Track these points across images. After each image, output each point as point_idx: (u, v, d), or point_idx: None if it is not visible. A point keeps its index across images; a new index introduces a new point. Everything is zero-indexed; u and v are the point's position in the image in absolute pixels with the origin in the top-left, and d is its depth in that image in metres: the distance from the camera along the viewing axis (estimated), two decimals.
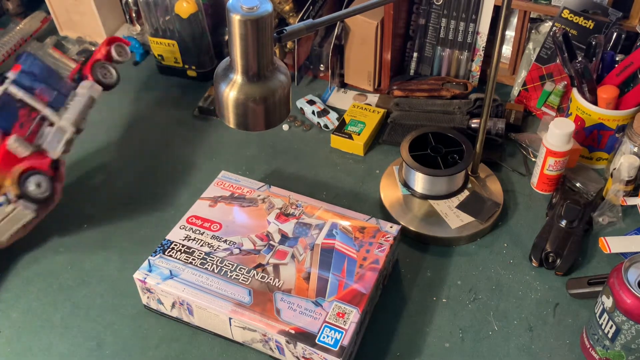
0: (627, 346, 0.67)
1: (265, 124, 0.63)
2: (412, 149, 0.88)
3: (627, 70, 0.89)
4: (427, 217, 0.89)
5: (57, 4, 1.28)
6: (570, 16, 1.00)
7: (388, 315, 0.79)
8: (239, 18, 0.56)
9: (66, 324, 0.79)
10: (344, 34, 1.11)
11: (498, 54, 0.80)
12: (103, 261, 0.88)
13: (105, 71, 0.97)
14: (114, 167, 1.03)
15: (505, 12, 0.76)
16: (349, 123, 1.05)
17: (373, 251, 0.79)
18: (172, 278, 0.76)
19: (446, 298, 0.81)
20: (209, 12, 1.15)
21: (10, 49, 1.24)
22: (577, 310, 0.79)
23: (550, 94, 1.05)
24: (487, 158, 0.98)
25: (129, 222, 0.93)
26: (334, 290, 0.74)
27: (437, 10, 1.09)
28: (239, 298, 0.73)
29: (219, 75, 0.62)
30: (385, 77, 1.14)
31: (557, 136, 0.88)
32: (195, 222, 0.83)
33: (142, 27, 1.27)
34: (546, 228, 0.87)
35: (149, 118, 1.13)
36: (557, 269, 0.83)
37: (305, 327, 0.70)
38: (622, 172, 0.88)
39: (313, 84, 1.18)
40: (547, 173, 0.92)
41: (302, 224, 0.83)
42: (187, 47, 1.16)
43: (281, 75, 0.62)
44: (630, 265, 0.66)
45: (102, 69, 0.97)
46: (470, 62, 1.13)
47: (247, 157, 1.04)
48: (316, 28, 0.62)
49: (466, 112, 1.02)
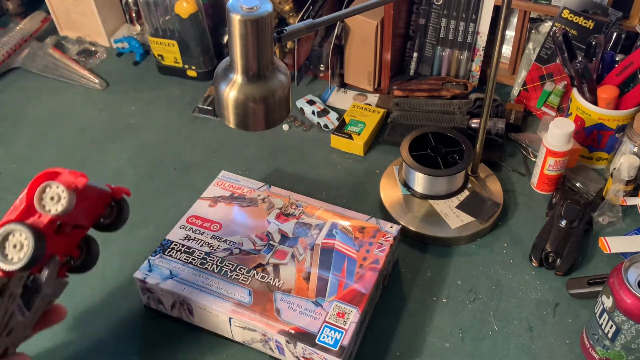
0: (627, 346, 0.67)
1: (265, 124, 0.63)
2: (412, 149, 0.88)
3: (627, 70, 0.89)
4: (427, 217, 0.89)
5: (57, 4, 1.28)
6: (570, 16, 1.00)
7: (388, 315, 0.79)
8: (239, 18, 0.56)
9: (66, 324, 0.79)
10: (344, 34, 1.11)
11: (498, 54, 0.80)
12: (103, 261, 0.87)
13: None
14: (113, 167, 1.03)
15: (505, 12, 0.76)
16: (349, 123, 1.05)
17: (373, 251, 0.79)
18: (172, 278, 0.76)
19: (446, 298, 0.81)
20: (209, 12, 1.15)
21: (10, 49, 1.25)
22: (577, 310, 0.79)
23: (550, 94, 1.05)
24: (487, 158, 0.98)
25: (129, 222, 0.93)
26: (334, 290, 0.74)
27: (437, 10, 1.09)
28: (239, 298, 0.73)
29: (219, 75, 0.62)
30: (385, 77, 1.14)
31: (557, 136, 0.88)
32: (195, 222, 0.83)
33: (142, 27, 1.27)
34: (546, 228, 0.87)
35: (149, 118, 1.13)
36: (557, 269, 0.83)
37: (305, 327, 0.70)
38: (622, 172, 0.88)
39: (313, 84, 1.18)
40: (547, 173, 0.92)
41: (302, 224, 0.83)
42: (187, 47, 1.16)
43: (281, 75, 0.62)
44: (630, 265, 0.66)
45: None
46: (470, 62, 1.13)
47: (247, 157, 1.04)
48: (316, 28, 0.62)
49: (466, 112, 1.02)
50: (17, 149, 1.07)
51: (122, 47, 1.27)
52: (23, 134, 1.10)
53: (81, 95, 1.19)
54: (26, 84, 1.22)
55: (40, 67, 1.24)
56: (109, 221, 0.69)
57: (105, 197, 0.67)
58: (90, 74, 1.22)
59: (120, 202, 0.69)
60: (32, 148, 1.07)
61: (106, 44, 1.30)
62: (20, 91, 1.20)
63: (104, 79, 1.22)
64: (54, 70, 1.23)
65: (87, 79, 1.21)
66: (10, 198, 1.00)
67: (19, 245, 0.56)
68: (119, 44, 1.27)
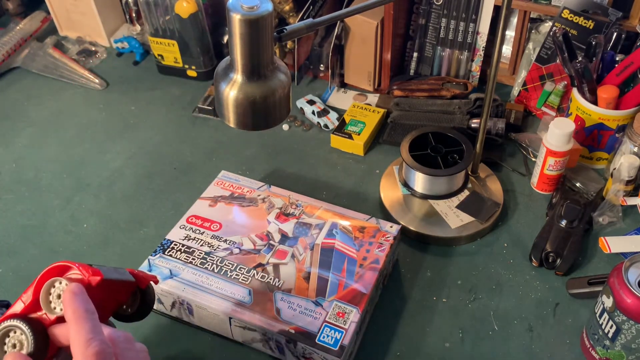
0: (627, 346, 0.67)
1: (265, 123, 0.63)
2: (412, 148, 0.88)
3: (627, 70, 0.89)
4: (427, 217, 0.89)
5: (57, 4, 1.28)
6: (570, 16, 1.00)
7: (388, 315, 0.79)
8: (239, 17, 0.56)
9: None
10: (344, 33, 1.11)
11: (498, 54, 0.80)
12: (103, 261, 0.87)
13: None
14: (113, 166, 1.03)
15: (505, 12, 0.76)
16: (349, 123, 1.05)
17: (373, 251, 0.79)
18: (172, 278, 0.76)
19: (446, 298, 0.81)
20: (209, 12, 1.16)
21: (10, 48, 1.25)
22: (577, 310, 0.79)
23: (550, 94, 1.05)
24: (487, 158, 0.98)
25: (129, 222, 0.93)
26: (334, 290, 0.74)
27: (437, 10, 1.09)
28: (239, 298, 0.73)
29: (219, 75, 0.62)
30: (385, 77, 1.14)
31: (557, 136, 0.88)
32: (195, 221, 0.83)
33: (142, 27, 1.27)
34: (546, 228, 0.87)
35: (149, 118, 1.13)
36: (557, 269, 0.83)
37: (305, 327, 0.70)
38: (622, 172, 0.88)
39: (313, 84, 1.18)
40: (547, 173, 0.92)
41: (302, 224, 0.83)
42: (187, 47, 1.16)
43: (281, 75, 0.62)
44: (631, 265, 0.66)
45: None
46: (470, 62, 1.13)
47: (247, 157, 1.04)
48: (316, 28, 0.62)
49: (466, 112, 1.02)
50: (17, 149, 1.07)
51: (122, 47, 1.27)
52: (23, 134, 1.10)
53: (81, 95, 1.19)
54: (26, 84, 1.22)
55: (40, 67, 1.24)
56: (131, 310, 0.63)
57: (128, 286, 0.61)
58: (90, 74, 1.22)
59: (144, 290, 0.63)
60: (32, 148, 1.07)
61: (106, 44, 1.30)
62: (20, 91, 1.20)
63: (104, 79, 1.22)
64: (54, 70, 1.23)
65: (87, 78, 1.21)
66: (10, 198, 1.01)
67: (18, 345, 0.52)
68: (119, 44, 1.27)
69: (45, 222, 0.93)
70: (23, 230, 0.92)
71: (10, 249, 0.89)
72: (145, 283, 0.63)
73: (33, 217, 0.94)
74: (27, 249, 0.89)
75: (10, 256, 0.88)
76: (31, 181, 1.00)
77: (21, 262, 0.88)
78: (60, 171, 1.02)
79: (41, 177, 1.01)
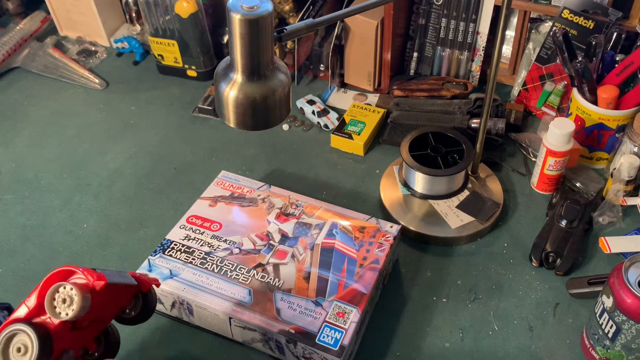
0: (627, 346, 0.67)
1: (265, 123, 0.63)
2: (412, 149, 0.88)
3: (627, 70, 0.89)
4: (427, 217, 0.89)
5: (57, 4, 1.28)
6: (570, 16, 1.00)
7: (388, 315, 0.79)
8: (239, 17, 0.56)
9: None
10: (344, 33, 1.11)
11: (498, 54, 0.80)
12: (103, 261, 0.87)
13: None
14: (113, 166, 1.03)
15: (505, 12, 0.76)
16: (349, 123, 1.05)
17: (373, 251, 0.79)
18: (172, 278, 0.76)
19: (446, 298, 0.81)
20: (209, 12, 1.16)
21: (10, 48, 1.25)
22: (577, 310, 0.79)
23: (550, 94, 1.05)
24: (487, 158, 0.98)
25: (129, 222, 0.93)
26: (334, 290, 0.74)
27: (437, 10, 1.09)
28: (239, 298, 0.73)
29: (219, 75, 0.62)
30: (385, 77, 1.14)
31: (557, 136, 0.88)
32: (195, 221, 0.83)
33: (142, 27, 1.27)
34: (546, 228, 0.87)
35: (149, 118, 1.13)
36: (557, 269, 0.83)
37: (305, 327, 0.70)
38: (622, 172, 0.88)
39: (313, 84, 1.18)
40: (547, 173, 0.92)
41: (302, 224, 0.83)
42: (187, 47, 1.16)
43: (281, 75, 0.62)
44: (631, 265, 0.66)
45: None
46: (470, 62, 1.13)
47: (247, 157, 1.04)
48: (316, 27, 0.62)
49: (466, 112, 1.02)
50: (17, 149, 1.07)
51: (122, 47, 1.27)
52: (23, 134, 1.10)
53: (81, 95, 1.19)
54: (26, 84, 1.22)
55: (40, 67, 1.24)
56: (134, 313, 0.64)
57: (131, 289, 0.62)
58: (90, 73, 1.22)
59: (146, 293, 0.64)
60: (32, 148, 1.07)
61: (106, 43, 1.30)
62: (20, 91, 1.20)
63: (104, 79, 1.22)
64: (54, 70, 1.23)
65: (87, 78, 1.21)
66: (10, 198, 1.01)
67: (23, 349, 0.53)
68: (119, 44, 1.27)
69: (45, 222, 0.93)
70: (23, 230, 0.92)
71: (10, 249, 0.89)
72: (148, 286, 0.64)
73: (33, 217, 0.94)
74: (27, 249, 0.89)
75: (10, 256, 0.88)
76: (31, 181, 1.00)
77: (21, 262, 0.88)
78: (60, 171, 1.02)
79: (41, 177, 1.01)
